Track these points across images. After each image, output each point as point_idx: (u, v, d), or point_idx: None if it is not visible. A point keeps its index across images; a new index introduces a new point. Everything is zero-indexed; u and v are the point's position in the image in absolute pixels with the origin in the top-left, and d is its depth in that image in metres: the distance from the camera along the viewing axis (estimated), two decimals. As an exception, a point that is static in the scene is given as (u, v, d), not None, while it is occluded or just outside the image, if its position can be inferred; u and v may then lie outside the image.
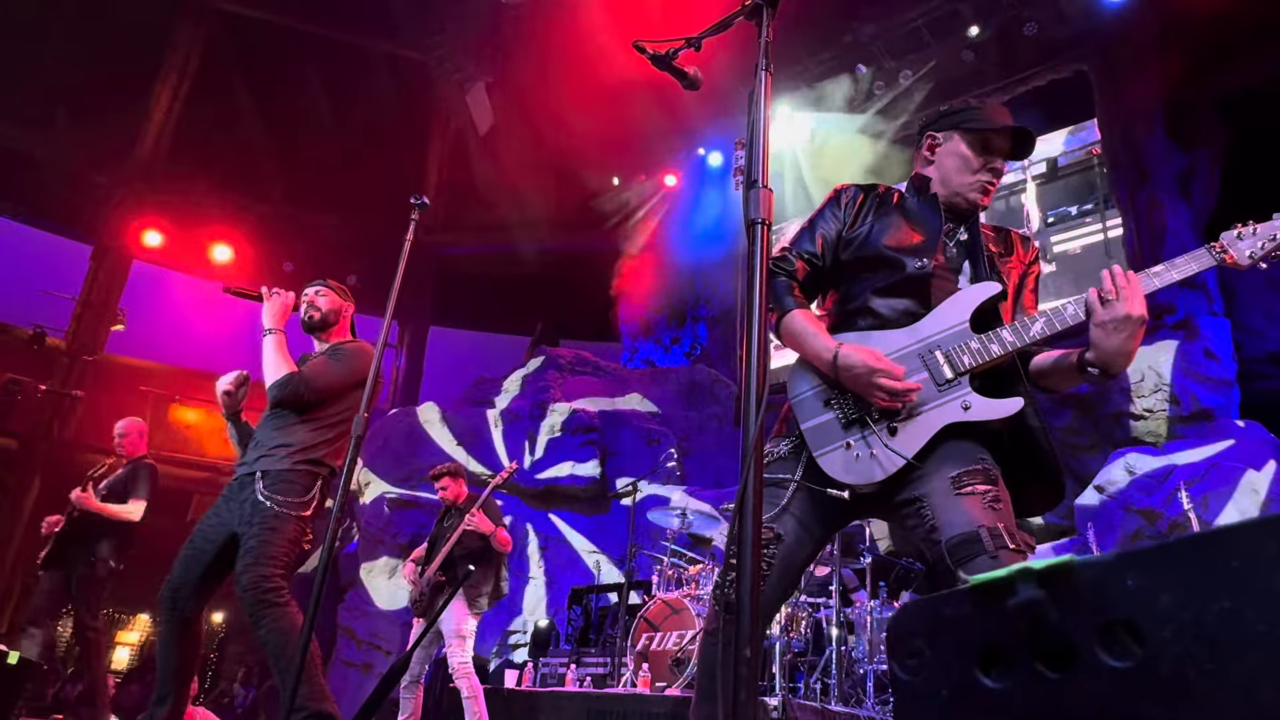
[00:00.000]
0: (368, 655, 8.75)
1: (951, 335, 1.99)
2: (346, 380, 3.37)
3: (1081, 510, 6.79)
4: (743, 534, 1.25)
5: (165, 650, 3.11)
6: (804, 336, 2.06)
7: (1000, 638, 0.74)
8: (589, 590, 7.56)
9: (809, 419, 2.04)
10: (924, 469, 1.91)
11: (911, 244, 2.10)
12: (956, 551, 1.77)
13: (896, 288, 2.07)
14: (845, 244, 2.17)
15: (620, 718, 4.51)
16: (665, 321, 12.96)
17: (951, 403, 1.93)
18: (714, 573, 5.64)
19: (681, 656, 4.94)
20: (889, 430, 1.94)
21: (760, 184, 1.48)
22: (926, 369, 1.97)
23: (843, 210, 2.21)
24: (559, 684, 5.80)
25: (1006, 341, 1.94)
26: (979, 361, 1.94)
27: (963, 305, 2.02)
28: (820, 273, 2.19)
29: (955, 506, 1.82)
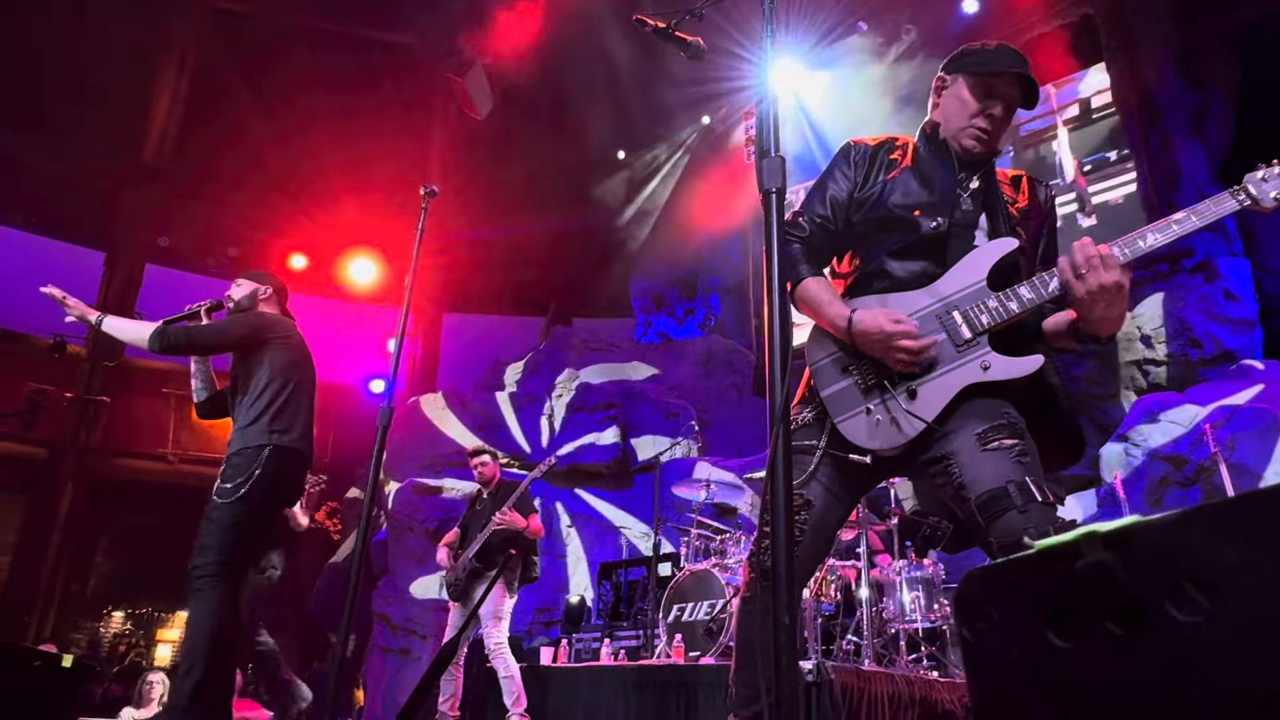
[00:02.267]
0: (404, 641, 8.88)
1: (969, 295, 1.97)
2: (237, 338, 3.49)
3: (1106, 460, 6.77)
4: (775, 502, 1.26)
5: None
6: (819, 304, 2.05)
7: (1069, 599, 0.75)
8: (617, 565, 7.63)
9: (828, 386, 2.05)
10: (949, 428, 1.90)
11: (925, 202, 2.06)
12: (986, 508, 1.78)
13: (911, 249, 2.04)
14: (857, 205, 2.13)
15: (658, 688, 4.57)
16: (677, 294, 12.94)
17: (970, 363, 1.92)
18: (741, 542, 5.68)
19: (714, 626, 4.99)
20: (908, 394, 1.93)
21: (773, 153, 1.47)
22: (944, 330, 1.95)
23: (853, 169, 2.17)
24: (594, 659, 5.87)
25: (1025, 299, 1.92)
26: (997, 320, 1.92)
27: (979, 263, 1.99)
28: (833, 235, 2.16)
29: (983, 462, 1.81)
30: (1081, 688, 0.73)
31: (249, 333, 3.51)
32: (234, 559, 3.18)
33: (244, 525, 3.23)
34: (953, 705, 4.36)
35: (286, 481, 3.40)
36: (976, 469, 1.82)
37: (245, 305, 3.70)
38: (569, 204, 13.27)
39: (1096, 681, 0.72)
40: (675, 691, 4.49)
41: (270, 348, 3.52)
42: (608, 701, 4.85)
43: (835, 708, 3.83)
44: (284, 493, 3.43)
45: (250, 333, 3.51)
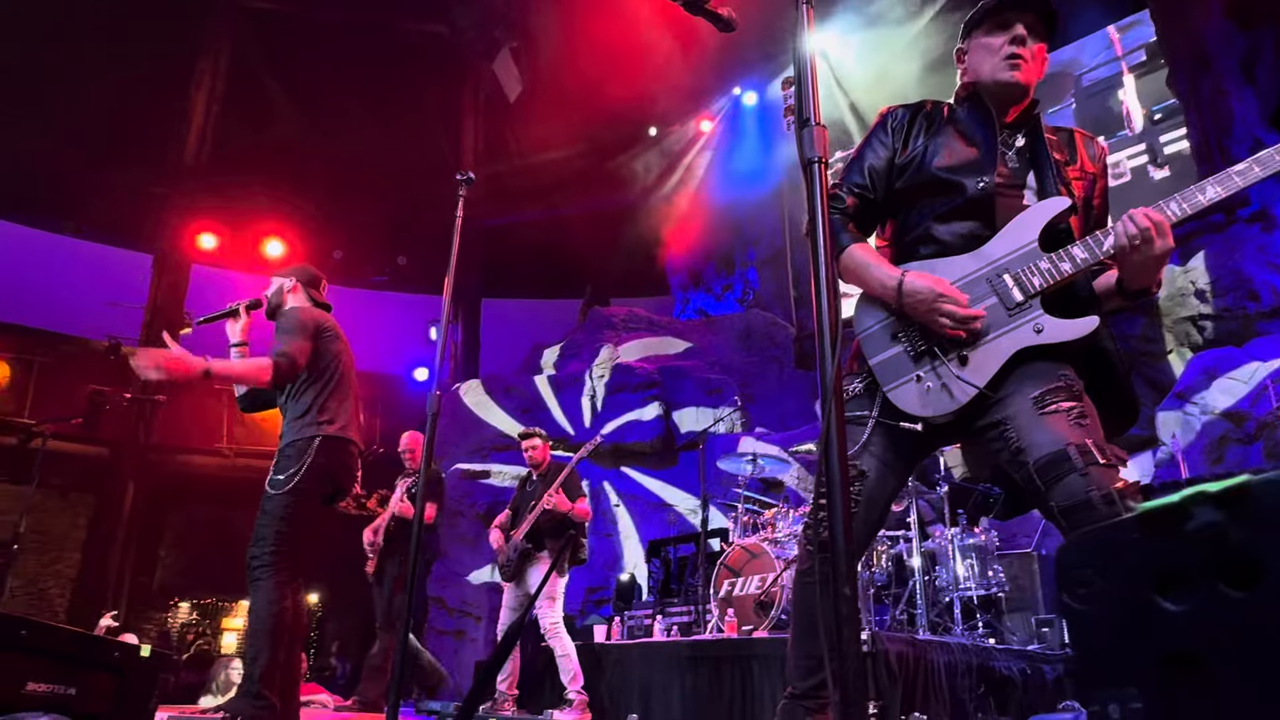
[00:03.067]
0: (459, 623, 9.05)
1: (1020, 256, 1.92)
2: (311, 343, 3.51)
3: (1162, 420, 6.61)
4: (830, 473, 1.25)
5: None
6: (865, 269, 2.02)
7: (1177, 561, 0.73)
8: (666, 542, 7.67)
9: (877, 354, 2.01)
10: (1003, 392, 1.87)
11: (968, 161, 2.02)
12: (1045, 472, 1.74)
13: (958, 211, 2.00)
14: (898, 171, 2.09)
15: (712, 663, 4.60)
16: (714, 269, 12.88)
17: (1023, 327, 1.88)
18: (789, 516, 5.67)
19: (765, 599, 5.00)
20: (959, 360, 1.89)
21: (813, 121, 1.45)
22: (995, 293, 1.91)
23: (890, 136, 2.13)
24: (646, 635, 5.92)
25: (1078, 259, 1.87)
26: (1050, 282, 1.88)
27: (1030, 224, 1.94)
28: (873, 205, 2.12)
29: (1040, 426, 1.78)
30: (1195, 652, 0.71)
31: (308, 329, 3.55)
32: (288, 548, 3.26)
33: (296, 516, 3.30)
34: (1011, 672, 4.32)
35: (339, 470, 3.47)
36: (1034, 433, 1.78)
37: (275, 301, 3.77)
38: (602, 184, 13.25)
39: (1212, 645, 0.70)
40: (730, 666, 4.52)
41: (319, 340, 3.58)
42: (662, 677, 4.89)
43: (891, 678, 3.82)
44: (338, 481, 3.49)
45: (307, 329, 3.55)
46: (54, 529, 11.98)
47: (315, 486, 3.36)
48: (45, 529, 11.77)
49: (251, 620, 3.18)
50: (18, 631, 1.83)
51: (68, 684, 1.88)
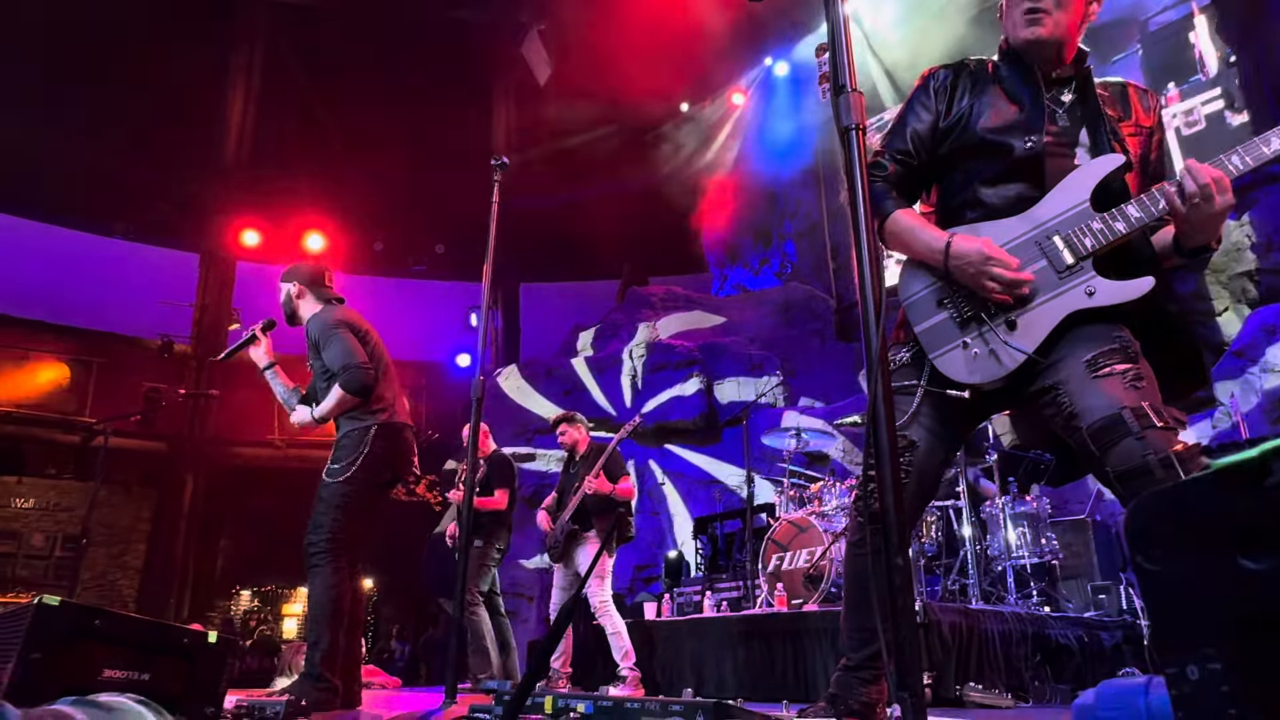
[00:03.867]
0: (511, 604, 9.17)
1: (1071, 217, 1.86)
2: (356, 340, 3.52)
3: (1220, 378, 6.42)
4: (879, 444, 1.24)
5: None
6: (911, 233, 1.98)
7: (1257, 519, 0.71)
8: (713, 519, 7.69)
9: (923, 321, 1.98)
10: (1055, 356, 1.82)
11: (1014, 121, 1.95)
12: (1099, 437, 1.70)
13: (1005, 174, 1.95)
14: (943, 134, 2.04)
15: (764, 637, 4.62)
16: (751, 244, 12.77)
17: (1073, 290, 1.82)
18: (835, 489, 5.64)
19: (814, 573, 4.99)
20: (1007, 325, 1.85)
21: (849, 88, 1.42)
22: (1045, 256, 1.86)
23: (933, 99, 2.07)
24: (696, 611, 5.96)
25: (1132, 218, 1.80)
26: (1102, 243, 1.81)
27: (1081, 183, 1.87)
28: (917, 171, 2.08)
29: (1094, 390, 1.73)
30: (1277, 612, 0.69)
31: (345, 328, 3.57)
32: (345, 535, 3.33)
33: (352, 503, 3.37)
34: (1068, 640, 4.27)
35: (396, 456, 3.53)
36: (1087, 397, 1.73)
37: (289, 310, 3.79)
38: (636, 163, 13.20)
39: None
40: (781, 640, 4.53)
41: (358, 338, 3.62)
42: (714, 652, 4.93)
43: (945, 649, 3.80)
44: (395, 467, 3.55)
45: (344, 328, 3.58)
46: (120, 523, 12.42)
47: (372, 474, 3.43)
48: (112, 523, 12.21)
49: (311, 606, 3.27)
50: (92, 621, 1.91)
51: (142, 670, 1.95)
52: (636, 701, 1.69)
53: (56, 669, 1.78)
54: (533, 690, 1.30)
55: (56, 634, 1.82)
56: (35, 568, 11.74)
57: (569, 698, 1.78)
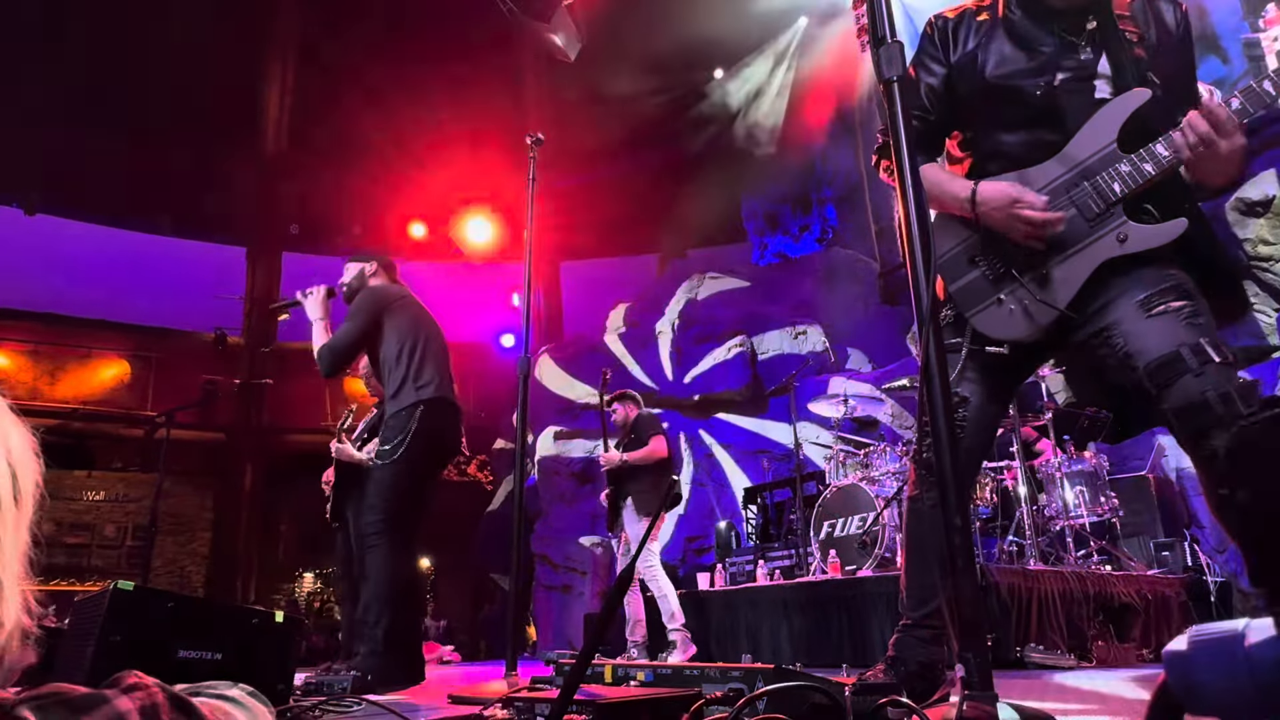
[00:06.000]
0: (566, 578, 9.31)
1: (1098, 161, 1.79)
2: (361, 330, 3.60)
3: (1285, 326, 6.17)
4: (933, 401, 1.22)
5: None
6: (938, 185, 1.95)
7: None
8: (762, 488, 7.67)
9: (956, 280, 1.95)
10: (1105, 299, 1.77)
11: (1026, 65, 1.87)
12: (1156, 375, 1.65)
13: (1023, 120, 1.88)
14: (954, 84, 1.98)
15: (818, 604, 4.61)
16: (790, 211, 12.60)
17: (1105, 238, 1.77)
18: (885, 454, 5.58)
19: (867, 539, 4.96)
20: (1039, 279, 1.81)
21: (889, 39, 1.38)
22: (1073, 205, 1.80)
23: (940, 49, 2.01)
24: (750, 580, 5.97)
25: (1162, 158, 1.72)
26: (1131, 186, 1.75)
27: (1106, 125, 1.79)
28: (936, 125, 2.04)
29: (1149, 329, 1.68)
30: None
31: (371, 310, 3.66)
32: (399, 514, 3.39)
33: (404, 482, 3.43)
34: (1130, 598, 4.19)
35: (445, 433, 3.58)
36: (1142, 337, 1.69)
37: (355, 286, 3.86)
38: (670, 134, 13.09)
39: None
40: (835, 606, 4.52)
41: (391, 314, 3.67)
42: (770, 620, 4.94)
43: (1004, 610, 3.75)
44: (446, 444, 3.61)
45: (372, 309, 3.66)
46: (185, 512, 12.85)
47: (421, 453, 3.47)
48: (177, 513, 12.64)
49: (371, 586, 3.34)
50: (166, 605, 1.98)
51: (214, 650, 2.02)
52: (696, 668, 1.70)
53: (134, 650, 1.85)
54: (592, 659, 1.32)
55: (133, 617, 1.89)
56: (109, 557, 12.23)
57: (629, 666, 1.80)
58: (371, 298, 3.68)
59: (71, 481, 12.37)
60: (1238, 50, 6.93)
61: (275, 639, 2.14)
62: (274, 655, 2.15)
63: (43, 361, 12.64)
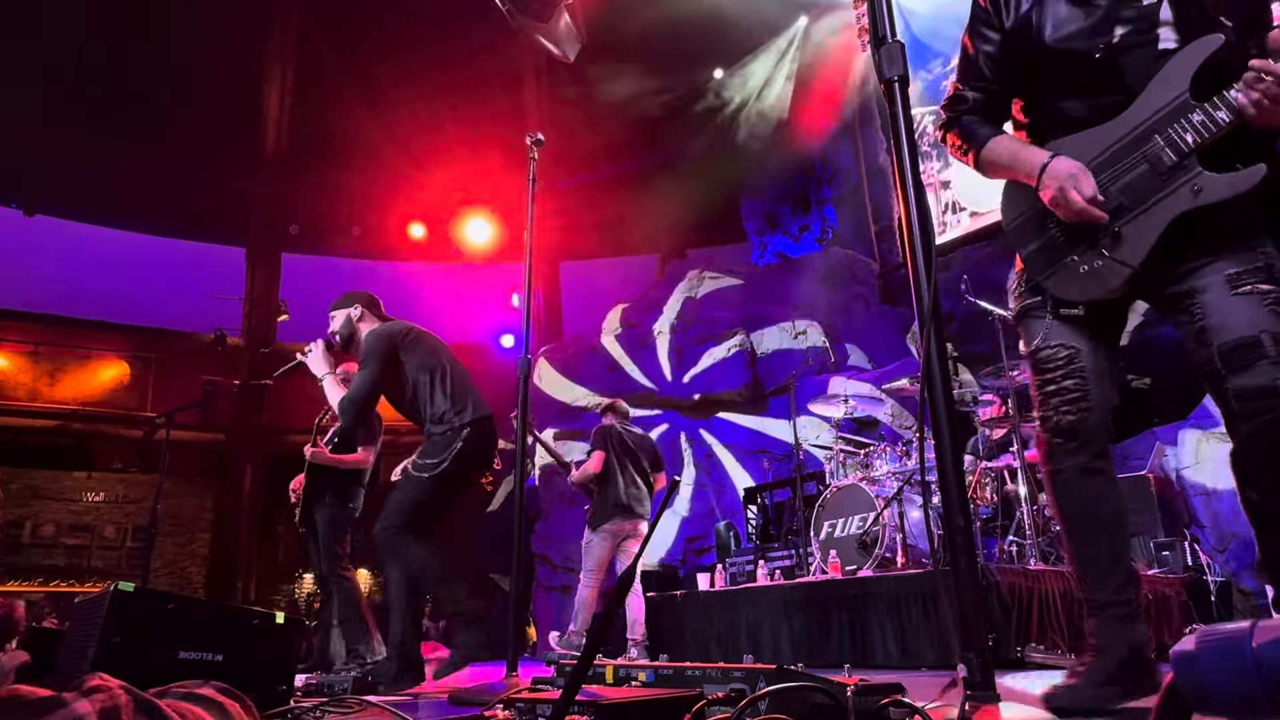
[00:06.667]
0: (566, 579, 9.30)
1: (1170, 112, 1.72)
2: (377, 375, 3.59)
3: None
4: (935, 408, 1.22)
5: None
6: (1014, 156, 1.90)
7: None
8: (762, 488, 7.67)
9: (1028, 244, 1.93)
10: (1200, 261, 1.73)
11: (1081, 25, 1.82)
12: (1233, 356, 1.63)
13: (1086, 83, 1.84)
14: (1009, 51, 1.94)
15: (819, 604, 4.61)
16: (790, 211, 12.59)
17: (1179, 191, 1.70)
18: (885, 454, 5.57)
19: (867, 539, 4.96)
20: (1112, 237, 1.78)
21: (890, 38, 1.38)
22: (1145, 160, 1.74)
23: (991, 15, 1.97)
24: (750, 580, 5.97)
25: (1236, 103, 1.63)
26: (1205, 135, 1.67)
27: (1177, 76, 1.72)
28: (999, 95, 2.00)
29: (1232, 308, 1.66)
30: None
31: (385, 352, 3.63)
32: (417, 524, 3.43)
33: (428, 498, 3.47)
34: (1132, 598, 4.18)
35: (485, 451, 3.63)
36: (1225, 314, 1.66)
37: (347, 333, 3.85)
38: (670, 134, 13.08)
39: None
40: (837, 606, 4.52)
41: (405, 350, 3.67)
42: (770, 620, 4.93)
43: (1004, 610, 3.75)
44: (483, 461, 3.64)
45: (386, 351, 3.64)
46: (185, 513, 12.84)
47: (462, 470, 3.53)
48: (177, 513, 12.62)
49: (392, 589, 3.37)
50: (166, 606, 1.97)
51: (215, 651, 2.01)
52: (698, 668, 1.70)
53: (135, 652, 1.84)
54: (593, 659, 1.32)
55: (133, 618, 1.89)
56: (109, 558, 12.22)
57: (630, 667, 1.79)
58: (380, 341, 3.64)
59: (71, 482, 12.36)
60: None
61: (276, 640, 2.14)
62: (274, 656, 2.15)
63: (42, 362, 12.63)
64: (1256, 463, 1.61)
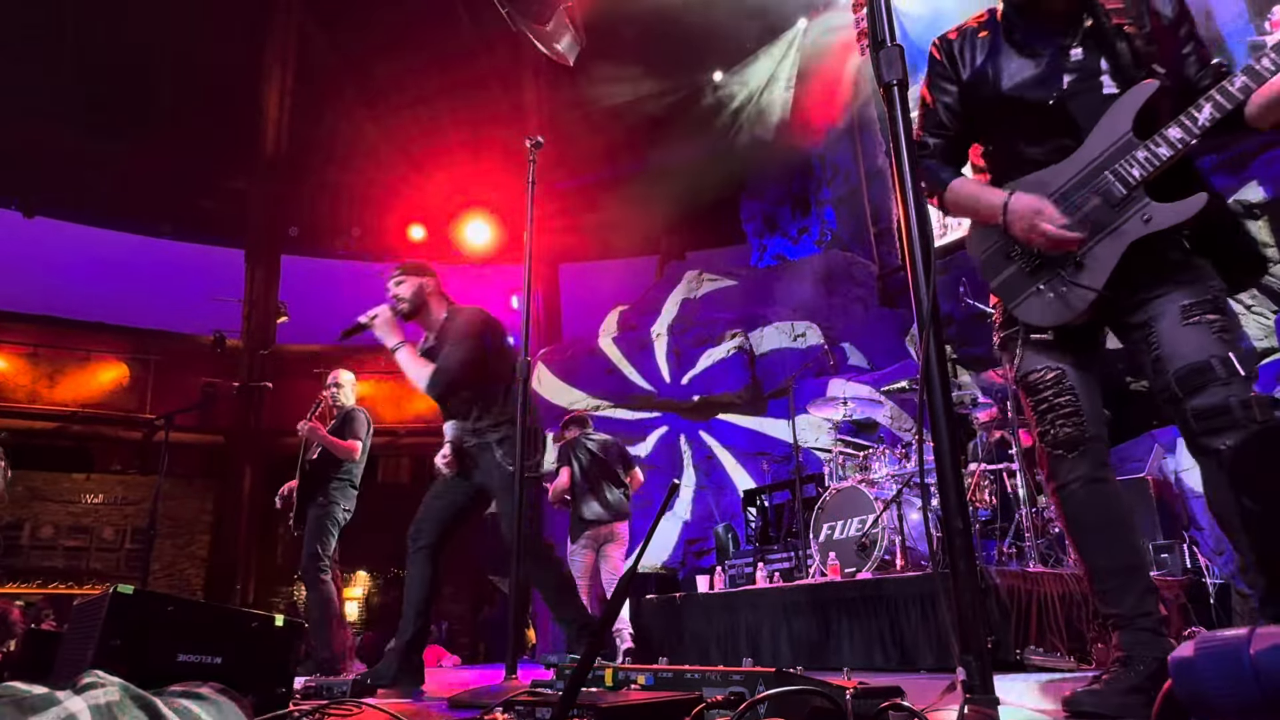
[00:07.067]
0: (564, 580, 9.30)
1: (1116, 150, 1.89)
2: (476, 355, 3.52)
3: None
4: (934, 411, 1.22)
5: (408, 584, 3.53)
6: (974, 198, 2.06)
7: None
8: (761, 491, 7.67)
9: (996, 275, 2.08)
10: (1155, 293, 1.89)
11: (1031, 77, 1.99)
12: (1187, 380, 1.80)
13: (1039, 128, 2.00)
14: (968, 100, 2.10)
15: (818, 606, 4.61)
16: (789, 213, 12.60)
17: (1131, 220, 1.87)
18: (884, 456, 5.57)
19: (866, 541, 4.96)
20: (1075, 265, 1.92)
21: (889, 42, 1.39)
22: (1097, 194, 1.90)
23: (948, 67, 2.13)
24: (749, 583, 5.97)
25: (1174, 140, 1.82)
26: (1149, 170, 1.84)
27: (1119, 119, 1.90)
28: (956, 140, 2.16)
29: (1184, 337, 1.83)
30: None
31: (485, 333, 3.59)
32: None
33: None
34: (1131, 600, 4.18)
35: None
36: (1177, 343, 1.84)
37: (416, 302, 3.73)
38: (669, 136, 13.08)
39: None
40: (836, 608, 4.51)
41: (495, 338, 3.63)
42: (770, 623, 4.93)
43: (1003, 613, 3.75)
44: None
45: (485, 332, 3.60)
46: (184, 515, 12.82)
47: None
48: (176, 516, 12.61)
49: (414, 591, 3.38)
50: (165, 608, 1.97)
51: (214, 654, 2.01)
52: (697, 672, 1.70)
53: (135, 654, 1.84)
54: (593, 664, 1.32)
55: (133, 621, 1.89)
56: (108, 560, 12.20)
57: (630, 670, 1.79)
58: (480, 322, 3.62)
59: (70, 484, 12.35)
60: (1243, 53, 6.97)
61: (275, 643, 2.14)
62: (273, 659, 2.14)
63: (42, 364, 12.63)
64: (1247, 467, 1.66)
